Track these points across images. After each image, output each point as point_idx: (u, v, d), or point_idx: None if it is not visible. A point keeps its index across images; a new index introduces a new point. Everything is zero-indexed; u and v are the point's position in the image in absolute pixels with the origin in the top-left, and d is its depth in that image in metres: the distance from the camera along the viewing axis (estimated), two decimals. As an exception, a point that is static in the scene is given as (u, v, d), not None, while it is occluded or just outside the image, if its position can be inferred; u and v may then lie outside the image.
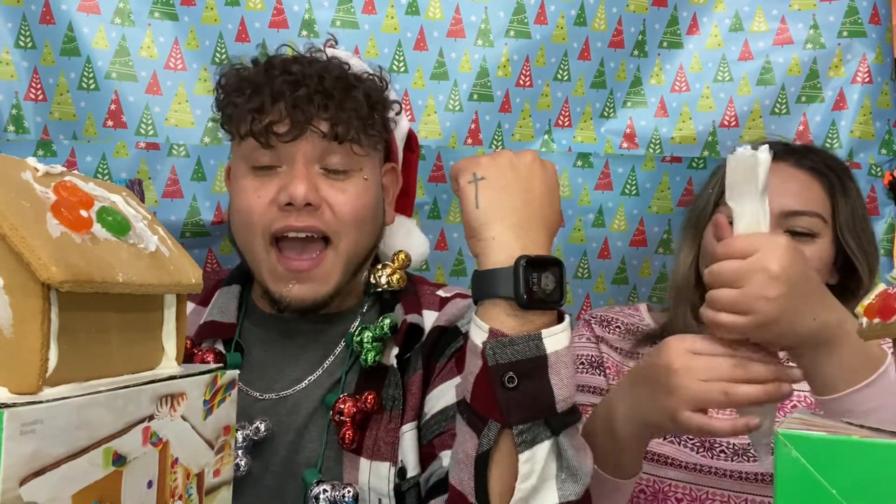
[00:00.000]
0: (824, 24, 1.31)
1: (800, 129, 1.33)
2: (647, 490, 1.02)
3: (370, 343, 0.94)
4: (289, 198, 0.92)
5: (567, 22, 1.27)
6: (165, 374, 0.59)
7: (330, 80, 0.95)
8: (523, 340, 0.74)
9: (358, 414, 0.91)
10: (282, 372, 0.99)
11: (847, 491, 0.45)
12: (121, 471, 0.51)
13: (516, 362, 0.73)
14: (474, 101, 1.28)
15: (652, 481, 1.02)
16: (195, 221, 1.25)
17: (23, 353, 0.47)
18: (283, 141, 0.93)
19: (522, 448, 0.73)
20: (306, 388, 0.97)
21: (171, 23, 1.22)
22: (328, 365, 0.98)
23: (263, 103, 0.93)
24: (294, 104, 0.92)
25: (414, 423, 0.92)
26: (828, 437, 0.46)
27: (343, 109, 0.94)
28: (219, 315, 1.02)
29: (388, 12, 1.26)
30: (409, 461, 0.91)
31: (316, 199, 0.93)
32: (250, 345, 1.01)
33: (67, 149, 1.20)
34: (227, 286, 1.06)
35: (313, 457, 0.93)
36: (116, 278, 0.52)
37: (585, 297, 1.39)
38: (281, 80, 0.94)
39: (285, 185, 0.93)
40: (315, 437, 0.94)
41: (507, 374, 0.73)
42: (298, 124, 0.93)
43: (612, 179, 1.34)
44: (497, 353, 0.74)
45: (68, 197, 0.52)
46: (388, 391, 0.94)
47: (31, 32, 1.18)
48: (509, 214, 0.77)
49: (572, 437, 0.76)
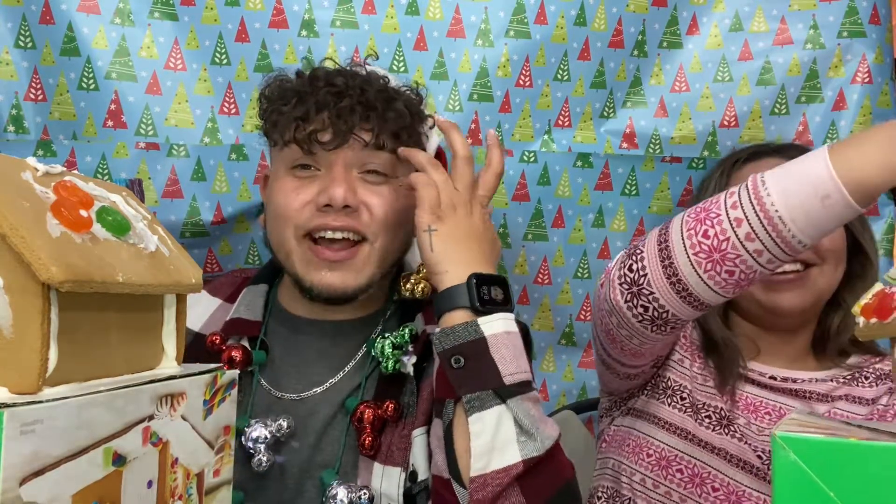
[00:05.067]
0: (824, 24, 1.31)
1: (799, 130, 1.33)
2: (686, 471, 1.03)
3: (391, 351, 0.96)
4: (328, 199, 0.95)
5: (567, 22, 1.27)
6: (165, 374, 0.59)
7: (372, 92, 0.99)
8: (462, 327, 0.88)
9: (377, 421, 0.93)
10: (304, 373, 1.00)
11: (846, 494, 0.45)
12: (121, 471, 0.51)
13: (459, 345, 0.87)
14: (474, 101, 1.28)
15: (692, 464, 1.02)
16: (195, 221, 1.25)
17: (23, 353, 0.47)
18: (325, 149, 0.97)
19: (471, 412, 0.84)
20: (327, 390, 0.99)
21: (171, 23, 1.23)
22: (349, 369, 1.00)
23: (308, 111, 0.97)
24: (338, 114, 0.97)
25: (424, 427, 0.94)
26: (826, 440, 0.46)
27: (384, 120, 0.98)
28: (245, 312, 1.04)
29: (388, 12, 1.26)
30: (419, 465, 0.92)
31: (354, 202, 0.96)
32: (274, 344, 1.03)
33: (67, 149, 1.20)
34: (254, 285, 1.08)
35: (331, 458, 0.95)
36: (116, 278, 0.52)
37: (585, 297, 1.39)
38: (325, 91, 0.98)
39: (325, 187, 0.96)
40: (334, 440, 0.96)
41: (453, 356, 0.87)
42: (341, 133, 0.96)
43: (611, 179, 1.34)
44: (442, 341, 0.88)
45: (68, 197, 0.52)
46: (404, 398, 0.96)
47: (31, 32, 1.18)
48: (457, 255, 0.92)
49: (527, 408, 0.85)
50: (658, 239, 0.87)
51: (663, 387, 1.08)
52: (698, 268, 0.82)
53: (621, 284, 0.90)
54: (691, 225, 0.83)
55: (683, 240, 0.83)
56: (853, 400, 1.08)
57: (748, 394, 1.07)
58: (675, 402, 1.06)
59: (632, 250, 0.90)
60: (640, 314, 0.89)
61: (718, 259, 0.81)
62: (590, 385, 1.44)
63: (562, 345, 1.42)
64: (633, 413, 1.10)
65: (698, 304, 0.86)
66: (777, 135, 1.33)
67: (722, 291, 0.84)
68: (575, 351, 1.43)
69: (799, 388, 1.08)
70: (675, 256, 0.84)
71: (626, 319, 0.91)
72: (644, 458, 1.06)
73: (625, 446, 1.09)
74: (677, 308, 0.86)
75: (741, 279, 0.82)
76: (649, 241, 0.88)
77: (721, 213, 0.81)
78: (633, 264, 0.89)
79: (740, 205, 0.80)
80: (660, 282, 0.86)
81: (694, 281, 0.83)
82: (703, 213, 0.83)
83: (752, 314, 1.11)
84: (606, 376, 1.08)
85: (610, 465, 1.11)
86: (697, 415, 1.05)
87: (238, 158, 1.25)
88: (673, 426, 1.06)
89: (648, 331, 0.90)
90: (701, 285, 0.83)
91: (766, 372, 1.09)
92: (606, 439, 1.14)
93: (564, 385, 1.43)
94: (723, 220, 0.80)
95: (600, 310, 0.96)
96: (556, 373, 1.43)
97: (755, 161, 1.15)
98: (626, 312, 0.90)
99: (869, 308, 0.53)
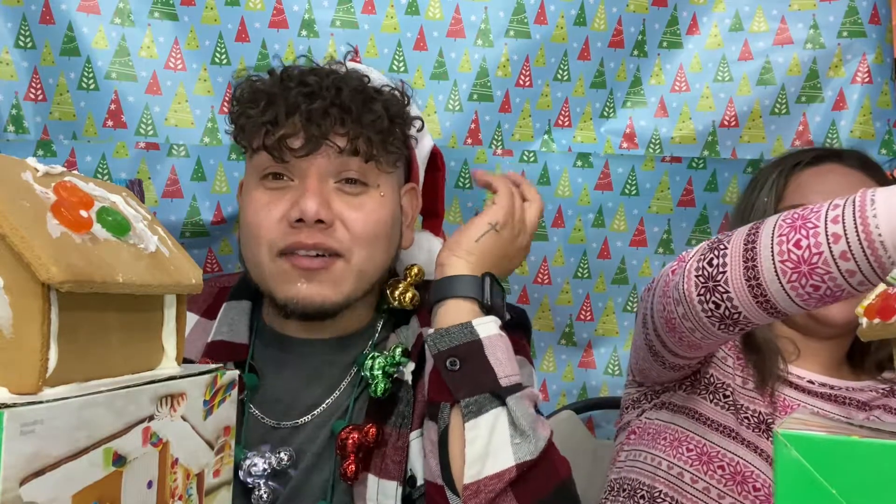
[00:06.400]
0: (824, 24, 1.30)
1: (799, 129, 1.33)
2: (727, 468, 1.01)
3: (380, 373, 0.91)
4: (300, 213, 0.89)
5: (567, 22, 1.27)
6: (165, 375, 0.59)
7: (347, 93, 0.91)
8: (457, 329, 0.86)
9: (362, 448, 0.88)
10: (297, 398, 0.95)
11: (848, 492, 0.45)
12: (121, 471, 0.51)
13: (455, 347, 0.85)
14: (474, 101, 1.28)
15: (735, 461, 1.01)
16: (195, 221, 1.25)
17: (23, 353, 0.47)
18: (296, 156, 0.90)
19: (468, 418, 0.82)
20: (321, 413, 0.94)
21: (171, 23, 1.22)
22: (343, 388, 0.96)
23: (277, 116, 0.90)
24: (309, 117, 0.89)
25: (421, 429, 0.91)
26: (828, 438, 0.46)
27: (360, 123, 0.91)
28: (229, 334, 0.98)
29: (388, 12, 1.25)
30: (417, 469, 0.90)
31: (328, 216, 0.90)
32: (263, 367, 0.97)
33: (67, 149, 1.20)
34: (235, 300, 1.01)
35: (325, 482, 0.92)
36: (116, 278, 0.51)
37: (585, 297, 1.39)
38: (296, 92, 0.91)
39: (297, 200, 0.90)
40: (328, 463, 0.92)
41: (448, 359, 0.85)
42: (313, 139, 0.89)
43: (611, 179, 1.34)
44: (437, 343, 0.86)
45: (68, 197, 0.52)
46: (399, 408, 0.92)
47: (31, 32, 1.18)
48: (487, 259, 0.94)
49: (525, 407, 0.84)
50: (746, 238, 0.82)
51: (705, 383, 1.06)
52: (783, 276, 0.78)
53: (697, 277, 0.85)
54: (784, 231, 0.78)
55: (773, 245, 0.78)
56: (891, 411, 1.07)
57: (788, 397, 1.06)
58: (718, 400, 1.05)
59: (715, 244, 0.86)
60: (711, 310, 0.84)
61: (806, 272, 0.76)
62: (590, 385, 1.44)
63: (562, 345, 1.42)
64: (670, 407, 1.08)
65: (773, 312, 0.81)
66: (777, 135, 1.33)
67: (803, 304, 0.79)
68: (575, 351, 1.43)
69: (838, 394, 1.07)
70: (760, 260, 0.79)
71: (694, 312, 0.87)
72: (684, 452, 1.04)
73: (660, 439, 1.07)
74: (750, 311, 0.82)
75: (826, 295, 0.77)
76: (736, 238, 0.84)
77: (819, 225, 0.75)
78: (713, 259, 0.84)
79: (842, 220, 0.74)
80: (738, 282, 0.81)
81: (775, 289, 0.79)
82: (801, 221, 0.77)
83: (798, 321, 1.09)
84: (647, 364, 1.05)
85: (641, 458, 1.08)
86: (738, 414, 1.04)
87: (238, 158, 1.25)
88: (715, 423, 1.04)
89: (715, 328, 0.86)
90: (781, 294, 0.79)
91: (804, 376, 1.08)
92: (636, 431, 1.11)
93: (564, 385, 1.43)
94: (819, 233, 0.75)
95: (666, 297, 0.92)
96: (555, 373, 1.43)
97: (817, 166, 1.13)
98: (696, 306, 0.86)
99: (872, 308, 0.53)
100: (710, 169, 1.34)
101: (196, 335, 0.98)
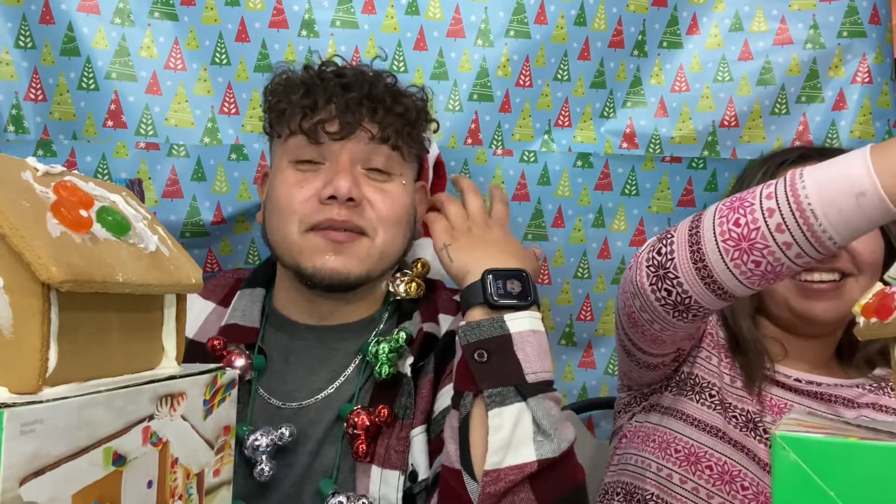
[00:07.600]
0: (824, 24, 1.30)
1: (799, 130, 1.33)
2: (715, 467, 1.02)
3: (385, 356, 0.95)
4: (333, 190, 0.95)
5: (567, 22, 1.27)
6: (165, 374, 0.59)
7: (380, 88, 1.00)
8: (488, 322, 0.89)
9: (371, 427, 0.92)
10: (303, 381, 0.99)
11: (845, 494, 0.45)
12: (121, 471, 0.51)
13: (484, 340, 0.88)
14: (474, 101, 1.28)
15: (722, 461, 1.02)
16: (195, 221, 1.25)
17: (23, 353, 0.47)
18: (332, 139, 0.97)
19: (492, 406, 0.84)
20: (326, 397, 0.98)
21: (171, 23, 1.23)
22: (349, 374, 0.99)
23: (316, 101, 0.98)
24: (346, 105, 0.97)
25: (423, 426, 0.94)
26: (826, 440, 0.46)
27: (392, 114, 0.99)
28: (241, 318, 1.03)
29: (388, 12, 1.26)
30: (419, 464, 0.92)
31: (358, 195, 0.96)
32: (272, 351, 1.02)
33: (67, 149, 1.20)
34: (249, 288, 1.07)
35: (330, 466, 0.94)
36: (116, 278, 0.52)
37: (585, 297, 1.39)
38: (334, 83, 0.99)
39: (329, 179, 0.96)
40: (332, 447, 0.95)
41: (477, 351, 0.87)
42: (348, 125, 0.97)
43: (611, 179, 1.34)
44: (467, 334, 0.89)
45: (68, 197, 0.52)
46: (401, 400, 0.95)
47: (31, 32, 1.18)
48: (476, 259, 0.96)
49: (547, 408, 0.85)
50: (690, 224, 0.87)
51: (691, 384, 1.07)
52: (725, 255, 0.82)
53: (648, 267, 0.89)
54: (724, 213, 0.83)
55: (714, 226, 0.83)
56: (880, 409, 1.07)
57: (774, 396, 1.07)
58: (704, 400, 1.06)
59: (663, 235, 0.90)
60: (664, 298, 0.88)
61: (746, 248, 0.80)
62: (590, 385, 1.44)
63: (562, 345, 1.42)
64: (659, 410, 1.09)
65: (722, 293, 0.85)
66: (777, 135, 1.33)
67: (747, 282, 0.83)
68: (575, 351, 1.43)
69: (825, 391, 1.07)
70: (703, 242, 0.83)
71: (648, 302, 0.90)
72: (672, 453, 1.05)
73: (649, 442, 1.08)
74: (700, 295, 0.86)
75: (767, 271, 0.81)
76: (681, 226, 0.88)
77: (755, 203, 0.80)
78: (662, 248, 0.88)
79: (775, 195, 0.79)
80: (686, 266, 0.85)
81: (720, 268, 0.83)
82: (738, 202, 0.82)
83: (783, 319, 1.10)
84: (627, 365, 1.08)
85: (632, 461, 1.10)
86: (726, 413, 1.04)
87: (238, 158, 1.25)
88: (702, 423, 1.05)
89: (670, 315, 0.90)
90: (726, 273, 0.83)
91: (791, 374, 1.09)
92: (627, 435, 1.13)
93: (564, 385, 1.43)
94: (755, 210, 0.80)
95: (625, 292, 0.96)
96: (555, 373, 1.43)
97: (802, 163, 1.12)
98: (649, 295, 0.90)
99: (869, 308, 0.53)
100: (710, 169, 1.34)
101: (213, 321, 1.04)
